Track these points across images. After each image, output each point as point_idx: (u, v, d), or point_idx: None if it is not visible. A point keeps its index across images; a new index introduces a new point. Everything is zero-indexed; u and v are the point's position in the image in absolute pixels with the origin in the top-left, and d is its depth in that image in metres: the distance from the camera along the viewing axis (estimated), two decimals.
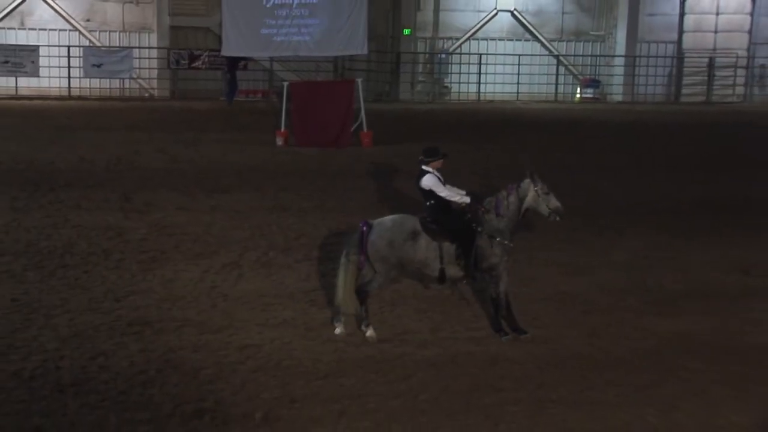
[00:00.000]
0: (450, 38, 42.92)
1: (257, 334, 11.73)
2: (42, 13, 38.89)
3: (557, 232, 15.82)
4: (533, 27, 43.39)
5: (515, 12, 43.18)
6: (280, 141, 26.85)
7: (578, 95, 43.61)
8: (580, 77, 43.84)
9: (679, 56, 44.43)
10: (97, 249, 15.36)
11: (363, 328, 11.74)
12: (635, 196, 20.72)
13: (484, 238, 11.61)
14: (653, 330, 12.30)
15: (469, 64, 42.07)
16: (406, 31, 41.80)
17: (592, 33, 44.25)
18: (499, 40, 43.18)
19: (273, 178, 21.91)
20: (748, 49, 44.74)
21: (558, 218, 11.96)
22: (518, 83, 42.07)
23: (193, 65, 39.42)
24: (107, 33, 39.56)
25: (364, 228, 11.55)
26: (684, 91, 44.63)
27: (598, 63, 44.32)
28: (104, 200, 18.87)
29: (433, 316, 12.57)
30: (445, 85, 42.58)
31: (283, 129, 27.05)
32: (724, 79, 44.76)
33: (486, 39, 43.03)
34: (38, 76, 37.85)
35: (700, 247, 16.45)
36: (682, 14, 44.11)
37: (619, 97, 43.36)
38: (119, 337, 11.46)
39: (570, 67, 43.95)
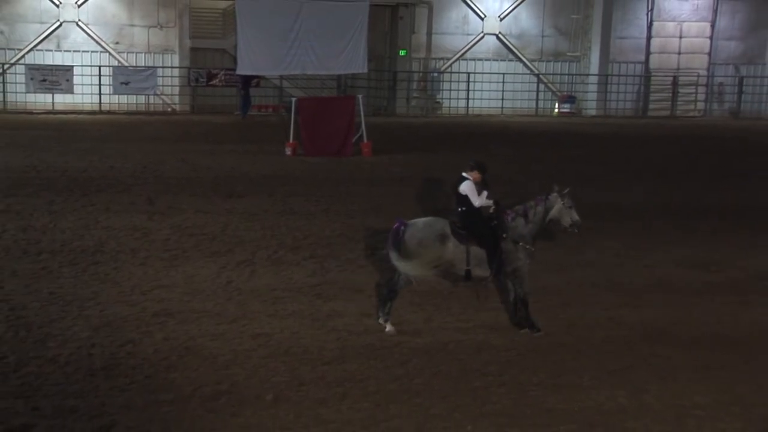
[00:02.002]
0: (441, 58, 42.90)
1: (268, 324, 11.72)
2: (76, 37, 38.89)
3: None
4: (516, 48, 43.39)
5: (500, 35, 43.18)
6: (289, 151, 26.82)
7: (556, 110, 43.58)
8: (558, 93, 43.83)
9: (647, 75, 44.44)
10: (125, 248, 15.34)
11: (382, 322, 11.64)
12: (607, 200, 20.70)
13: (509, 243, 11.55)
14: (623, 321, 12.30)
15: (458, 81, 42.08)
16: (402, 52, 41.79)
17: (568, 54, 44.24)
18: (486, 60, 43.17)
19: (283, 184, 21.88)
20: (708, 69, 44.79)
21: (576, 230, 11.95)
22: (503, 99, 42.09)
23: (211, 83, 39.43)
24: (134, 54, 39.53)
25: (401, 227, 11.43)
26: (651, 106, 44.65)
27: (574, 81, 44.31)
28: (131, 204, 18.85)
29: (426, 308, 12.56)
30: (437, 100, 42.56)
31: (291, 140, 27.02)
32: (687, 95, 44.80)
33: (474, 59, 43.02)
34: (72, 93, 37.87)
35: (665, 247, 16.44)
36: (649, 38, 44.14)
37: (593, 112, 43.35)
38: (145, 327, 11.45)
39: (549, 85, 43.95)
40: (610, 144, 32.02)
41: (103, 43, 38.94)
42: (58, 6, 38.32)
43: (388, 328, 11.55)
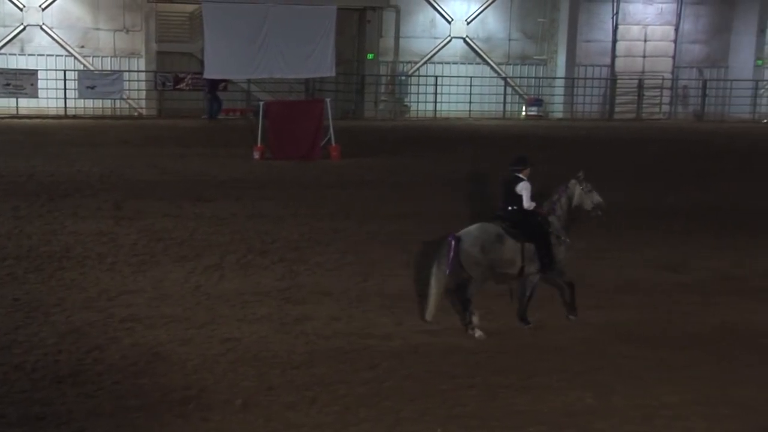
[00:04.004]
0: (409, 62, 42.98)
1: (237, 329, 11.67)
2: (40, 41, 38.54)
3: None
4: (483, 52, 43.56)
5: (467, 39, 43.33)
6: (257, 155, 26.74)
7: (524, 113, 43.80)
8: (526, 96, 44.05)
9: (612, 78, 44.78)
10: (92, 253, 15.21)
11: (470, 331, 11.62)
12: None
13: (554, 237, 11.86)
14: (592, 321, 12.36)
15: (426, 85, 42.17)
16: (370, 56, 41.80)
17: (535, 57, 44.48)
18: (453, 63, 43.30)
19: (251, 188, 21.80)
20: (672, 72, 45.25)
21: (600, 212, 12.25)
22: (470, 102, 42.20)
23: (178, 87, 39.19)
24: (100, 58, 39.24)
25: (452, 241, 11.46)
26: (617, 109, 45.01)
27: (541, 84, 44.55)
28: (98, 209, 18.70)
29: (396, 311, 12.55)
30: (405, 104, 42.62)
31: (259, 144, 26.94)
32: (652, 98, 45.21)
33: (441, 63, 43.13)
34: (37, 98, 37.46)
35: (632, 248, 16.55)
36: (614, 41, 44.48)
37: (560, 114, 43.61)
38: (113, 333, 11.35)
39: (516, 88, 44.17)
40: (578, 146, 32.18)
41: (68, 47, 38.63)
42: (21, 9, 37.96)
43: (478, 333, 11.56)
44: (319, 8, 29.69)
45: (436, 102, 41.95)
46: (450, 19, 42.97)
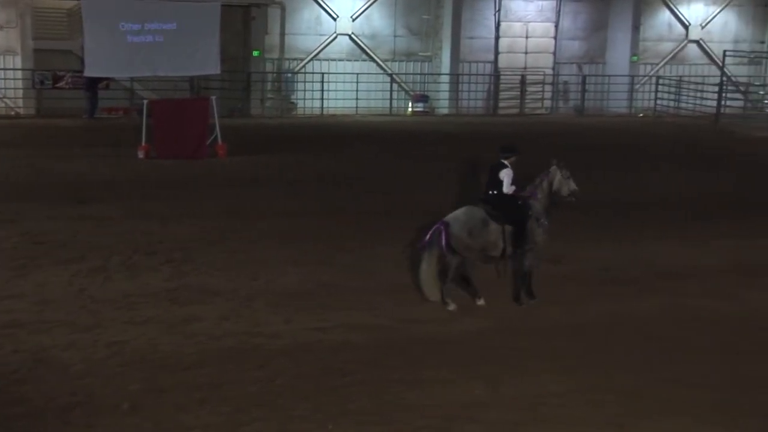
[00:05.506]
0: (295, 59, 42.81)
1: (123, 332, 11.47)
2: None
3: (393, 231, 16.06)
4: (369, 49, 43.74)
5: (353, 35, 43.43)
6: (141, 154, 26.23)
7: (410, 109, 44.10)
8: (411, 93, 44.41)
9: (496, 74, 45.51)
10: None
11: (477, 301, 12.72)
12: (460, 197, 21.10)
13: (533, 220, 12.58)
14: (478, 314, 12.58)
15: (312, 82, 42.09)
16: (256, 53, 41.47)
17: (420, 54, 44.87)
18: (339, 60, 43.32)
19: (136, 188, 21.40)
20: (553, 68, 46.28)
21: (574, 199, 13.05)
22: (357, 99, 42.29)
23: (57, 85, 38.07)
24: None
25: (442, 227, 12.11)
26: (500, 104, 45.77)
27: (426, 80, 44.93)
28: None
29: (285, 309, 12.54)
30: (292, 101, 42.45)
31: (144, 143, 26.46)
32: (534, 94, 46.12)
33: (327, 59, 43.10)
34: None
35: None
36: (497, 38, 45.22)
37: (446, 110, 44.09)
38: None
39: (402, 84, 44.48)
40: (463, 141, 32.62)
41: None
42: None
43: (451, 306, 12.40)
44: (203, 5, 29.31)
45: (322, 99, 41.90)
46: (335, 16, 43.00)
